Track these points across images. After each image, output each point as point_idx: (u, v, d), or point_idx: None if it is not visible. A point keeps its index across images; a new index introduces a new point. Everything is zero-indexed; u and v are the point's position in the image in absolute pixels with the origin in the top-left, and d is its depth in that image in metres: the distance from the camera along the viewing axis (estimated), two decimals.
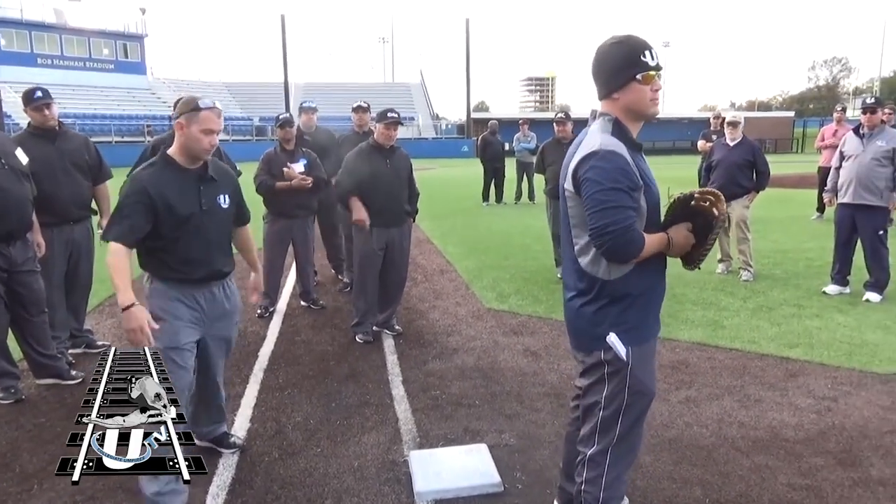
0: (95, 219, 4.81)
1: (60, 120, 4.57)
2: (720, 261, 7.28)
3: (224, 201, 2.99)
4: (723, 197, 2.23)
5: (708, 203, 2.20)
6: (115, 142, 33.92)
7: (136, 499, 2.81)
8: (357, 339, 5.11)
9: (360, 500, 2.91)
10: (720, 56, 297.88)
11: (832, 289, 6.26)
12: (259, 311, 5.83)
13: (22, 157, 4.06)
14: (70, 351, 4.71)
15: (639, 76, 2.11)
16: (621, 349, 2.20)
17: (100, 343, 4.99)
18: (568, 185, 2.22)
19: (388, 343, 5.09)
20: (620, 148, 2.11)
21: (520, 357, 4.73)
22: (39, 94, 4.41)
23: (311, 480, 3.07)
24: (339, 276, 7.07)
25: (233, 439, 3.41)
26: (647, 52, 2.11)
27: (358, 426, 3.66)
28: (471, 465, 3.11)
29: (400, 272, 5.22)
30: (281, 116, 5.94)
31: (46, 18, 43.90)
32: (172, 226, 2.81)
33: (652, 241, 2.15)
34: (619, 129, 2.17)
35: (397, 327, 5.32)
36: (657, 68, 2.13)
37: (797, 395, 3.98)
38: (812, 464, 3.16)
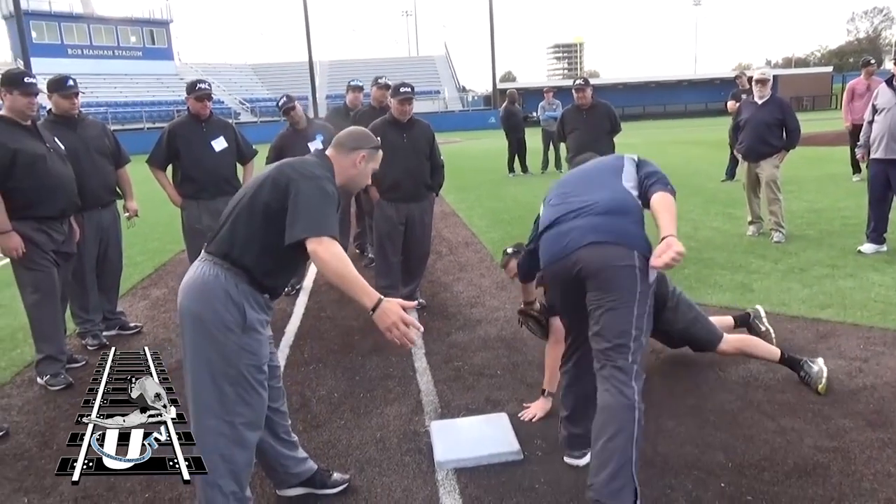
0: (120, 203, 4.92)
1: (80, 108, 4.66)
2: (750, 223, 7.11)
3: None
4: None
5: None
6: (147, 128, 34.46)
7: None
8: None
9: (381, 470, 2.95)
10: (754, 12, 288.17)
11: (867, 247, 6.07)
12: (286, 289, 5.90)
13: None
14: (104, 333, 4.86)
15: None
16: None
17: (132, 325, 5.12)
18: (632, 158, 2.76)
19: (412, 316, 5.10)
20: None
21: None
22: (71, 82, 4.49)
23: (334, 452, 3.13)
24: (365, 253, 7.13)
25: (335, 475, 2.83)
26: None
27: (381, 398, 3.70)
28: (490, 433, 3.13)
29: (422, 247, 5.23)
30: (281, 103, 5.81)
31: (74, 8, 44.66)
32: None
33: None
34: None
35: (421, 301, 5.34)
36: None
37: (827, 357, 3.86)
38: (840, 425, 3.10)
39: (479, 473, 2.86)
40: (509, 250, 3.69)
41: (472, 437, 3.09)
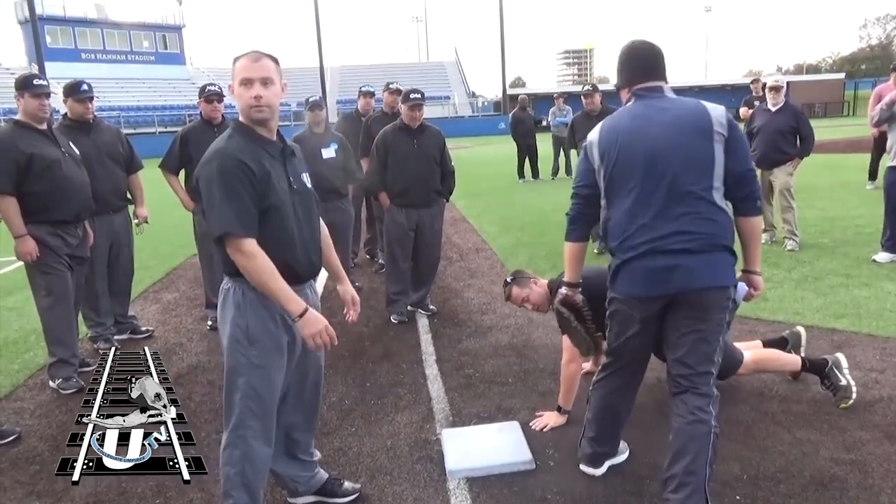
0: (131, 208, 4.94)
1: (94, 113, 4.68)
2: (764, 231, 7.06)
3: (308, 181, 2.43)
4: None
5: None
6: (159, 132, 34.65)
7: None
8: (391, 320, 5.15)
9: (392, 478, 2.93)
10: (765, 18, 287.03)
11: (883, 256, 6.01)
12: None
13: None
14: (115, 337, 4.87)
15: None
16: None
17: (144, 329, 5.14)
18: (722, 129, 2.51)
19: (423, 323, 5.11)
20: None
21: (554, 333, 4.66)
22: (85, 87, 4.53)
23: (344, 459, 3.12)
24: (375, 259, 7.13)
25: (346, 484, 2.79)
26: None
27: (391, 405, 3.69)
28: (502, 442, 3.10)
29: (432, 253, 5.22)
30: (311, 99, 5.92)
31: (88, 14, 45.04)
32: (275, 210, 2.24)
33: None
34: None
35: (431, 307, 5.33)
36: None
37: None
38: (857, 437, 3.06)
39: (490, 482, 2.84)
40: (509, 279, 3.65)
41: (483, 446, 3.07)
